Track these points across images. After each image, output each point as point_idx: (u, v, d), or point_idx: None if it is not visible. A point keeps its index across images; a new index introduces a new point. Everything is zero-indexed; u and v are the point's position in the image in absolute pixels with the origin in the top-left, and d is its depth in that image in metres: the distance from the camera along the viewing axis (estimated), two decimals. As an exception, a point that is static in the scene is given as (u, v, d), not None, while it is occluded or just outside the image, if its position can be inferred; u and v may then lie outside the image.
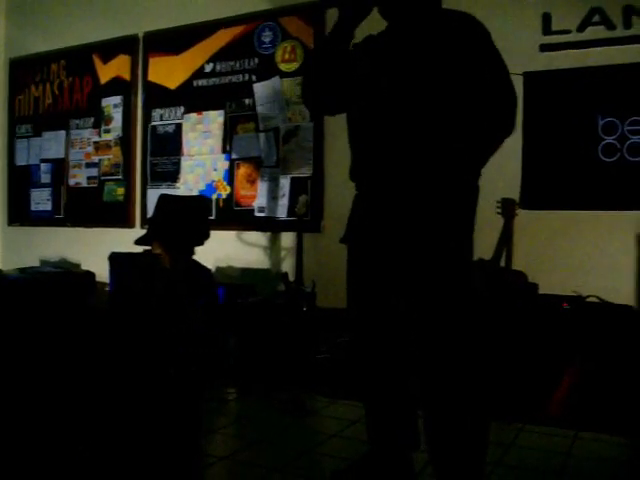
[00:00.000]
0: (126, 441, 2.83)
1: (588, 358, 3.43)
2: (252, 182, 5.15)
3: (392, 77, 2.15)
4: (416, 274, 2.15)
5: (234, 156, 5.25)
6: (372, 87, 2.20)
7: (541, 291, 3.75)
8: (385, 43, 2.24)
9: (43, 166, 6.36)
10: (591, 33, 4.00)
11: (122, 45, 5.83)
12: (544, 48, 4.10)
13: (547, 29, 4.10)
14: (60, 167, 6.23)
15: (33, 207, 6.41)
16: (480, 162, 2.17)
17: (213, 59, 5.34)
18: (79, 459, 2.59)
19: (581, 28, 4.01)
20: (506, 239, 3.78)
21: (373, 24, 2.30)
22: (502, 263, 3.77)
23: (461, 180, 2.14)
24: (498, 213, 3.80)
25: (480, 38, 2.13)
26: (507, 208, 3.80)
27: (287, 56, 5.01)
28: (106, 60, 5.94)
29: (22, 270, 5.35)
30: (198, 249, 3.89)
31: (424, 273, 2.13)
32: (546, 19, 4.10)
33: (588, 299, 3.70)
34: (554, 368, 3.42)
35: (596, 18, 3.98)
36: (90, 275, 5.36)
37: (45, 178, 6.34)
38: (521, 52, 4.06)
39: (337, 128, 4.80)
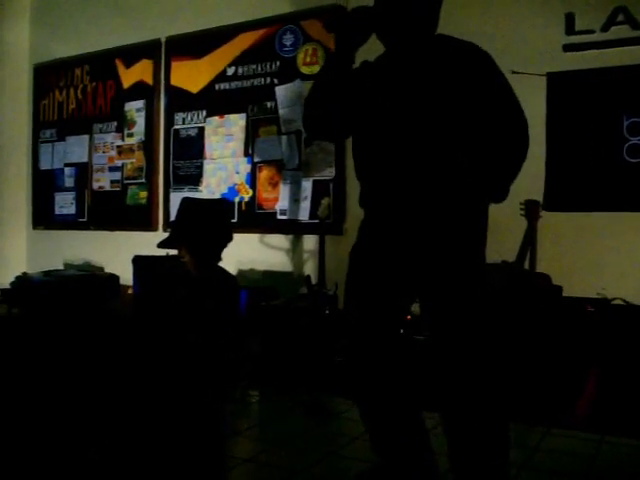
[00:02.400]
0: (148, 444, 2.84)
1: (614, 361, 3.39)
2: (274, 185, 5.16)
3: (396, 102, 2.16)
4: (430, 282, 2.18)
5: (256, 159, 5.26)
6: (376, 113, 2.20)
7: (565, 294, 3.71)
8: (385, 68, 2.26)
9: (67, 170, 6.41)
10: (615, 32, 3.95)
11: (144, 50, 5.87)
12: (567, 48, 4.06)
13: (570, 29, 4.07)
14: (84, 171, 6.28)
15: (57, 211, 6.47)
16: (500, 188, 2.22)
17: (235, 63, 5.36)
18: (101, 462, 2.60)
19: (605, 28, 3.97)
20: (530, 241, 3.75)
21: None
22: (526, 265, 3.74)
23: (472, 202, 2.17)
24: (522, 215, 3.77)
25: (485, 64, 2.15)
26: (531, 210, 3.77)
27: (308, 59, 5.02)
28: (129, 65, 5.98)
29: (47, 273, 5.40)
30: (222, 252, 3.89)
31: (438, 281, 2.16)
32: (569, 19, 4.07)
33: (613, 302, 3.65)
34: (579, 371, 3.39)
35: (620, 17, 3.94)
36: (114, 278, 5.40)
37: (69, 182, 6.40)
38: (544, 52, 4.04)
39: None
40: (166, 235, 4.04)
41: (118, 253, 5.67)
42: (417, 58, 2.19)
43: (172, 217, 5.42)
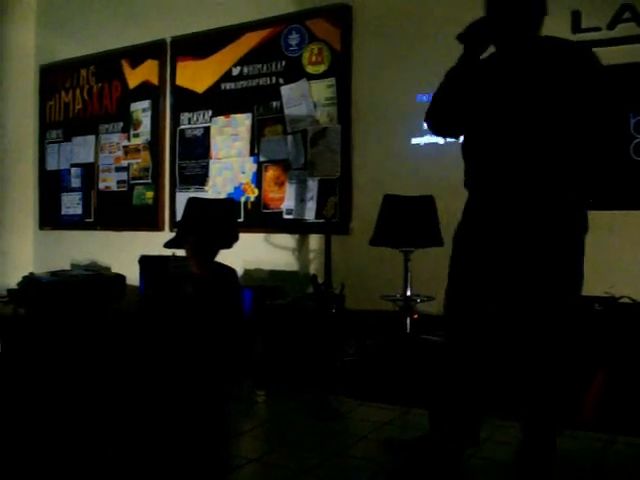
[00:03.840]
0: (152, 443, 2.84)
1: (621, 360, 3.37)
2: (280, 185, 5.16)
3: (511, 101, 2.38)
4: (527, 284, 2.39)
5: (262, 159, 5.26)
6: (492, 110, 2.43)
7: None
8: (500, 68, 2.46)
9: (73, 170, 6.43)
10: (622, 30, 3.94)
11: (150, 50, 5.88)
12: (574, 46, 4.05)
13: (577, 27, 4.05)
14: (90, 171, 6.30)
15: (64, 211, 6.49)
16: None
17: (240, 62, 5.36)
18: (106, 461, 2.61)
19: (611, 25, 3.96)
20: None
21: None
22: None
23: (574, 200, 2.41)
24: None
25: (590, 64, 2.38)
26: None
27: (314, 58, 5.01)
28: (134, 65, 5.99)
29: (54, 273, 5.41)
30: (227, 252, 3.89)
31: (535, 285, 2.38)
32: (576, 17, 4.05)
33: (621, 300, 3.64)
34: (586, 370, 3.37)
35: (627, 15, 3.93)
36: (121, 278, 5.41)
37: (75, 182, 6.41)
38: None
39: (365, 130, 4.81)
40: (172, 235, 4.04)
41: (124, 253, 5.68)
42: (529, 58, 2.39)
43: (178, 217, 5.42)
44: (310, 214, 4.98)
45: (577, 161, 2.36)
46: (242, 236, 4.36)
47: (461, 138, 2.66)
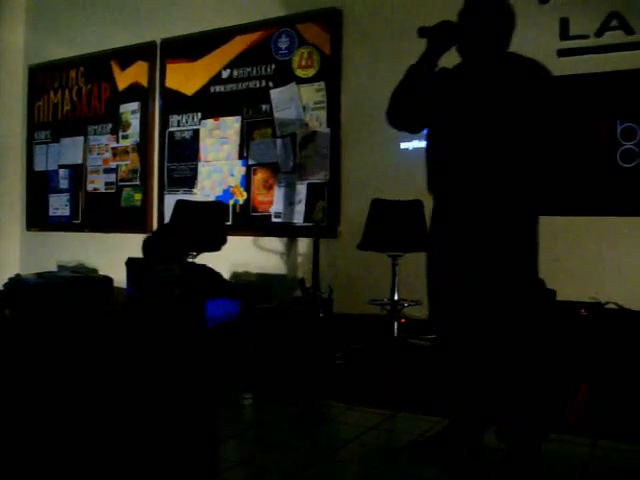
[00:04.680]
0: (139, 446, 2.83)
1: (607, 365, 3.39)
2: (269, 188, 5.16)
3: (471, 108, 2.47)
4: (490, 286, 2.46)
5: (251, 162, 5.26)
6: (453, 115, 2.53)
7: (559, 298, 3.72)
8: (463, 77, 2.56)
9: (61, 172, 6.41)
10: (609, 38, 3.98)
11: (140, 52, 5.87)
12: (562, 53, 4.09)
13: (565, 34, 4.09)
14: (78, 173, 6.28)
15: (51, 212, 6.46)
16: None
17: (230, 65, 5.37)
18: (90, 462, 2.60)
19: (599, 33, 4.00)
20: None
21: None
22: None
23: (529, 205, 2.51)
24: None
25: (545, 81, 2.50)
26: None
27: (304, 62, 5.02)
28: (124, 67, 5.98)
29: (40, 275, 5.39)
30: (216, 255, 3.89)
31: (497, 286, 2.45)
32: (564, 24, 4.09)
33: (607, 305, 3.66)
34: (572, 375, 3.39)
35: (614, 23, 3.96)
36: (108, 280, 5.39)
37: (63, 184, 6.39)
38: (538, 57, 4.01)
39: (354, 134, 4.82)
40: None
41: (112, 255, 5.66)
42: (491, 71, 2.50)
43: (166, 219, 5.41)
44: (299, 218, 4.99)
45: (529, 166, 2.46)
46: (230, 239, 4.38)
47: (423, 143, 2.76)
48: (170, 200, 5.45)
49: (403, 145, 4.61)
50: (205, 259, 4.57)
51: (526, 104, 2.43)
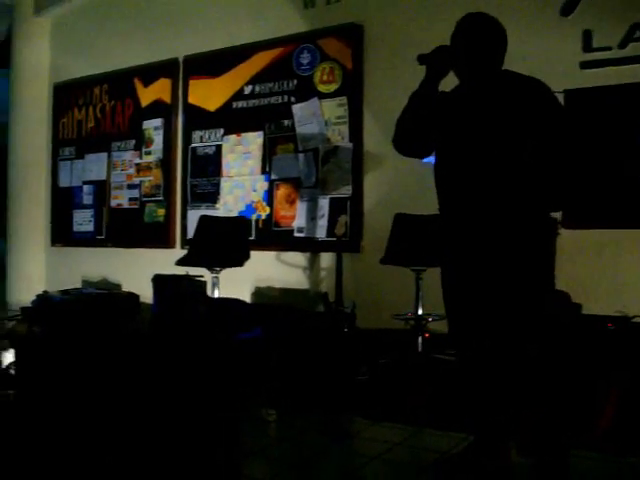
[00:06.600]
0: (164, 459, 2.84)
1: (634, 379, 3.35)
2: (291, 203, 5.17)
3: (471, 128, 2.52)
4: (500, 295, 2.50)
5: (273, 177, 5.28)
6: (454, 136, 2.59)
7: (585, 311, 3.68)
8: (462, 99, 2.61)
9: (85, 188, 6.48)
10: (633, 49, 3.95)
11: (163, 69, 5.93)
12: (585, 65, 4.06)
13: (588, 46, 4.06)
14: (102, 189, 6.34)
15: (75, 228, 6.53)
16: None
17: (252, 81, 5.39)
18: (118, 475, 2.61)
19: (622, 45, 3.97)
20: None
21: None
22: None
23: (537, 216, 2.52)
24: (540, 232, 3.74)
25: (547, 99, 2.49)
26: (549, 227, 3.75)
27: (326, 77, 5.04)
28: (147, 83, 6.04)
29: (65, 292, 5.41)
30: (239, 270, 3.90)
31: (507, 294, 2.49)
32: (587, 36, 4.06)
33: (634, 319, 3.62)
34: (600, 389, 3.35)
35: (638, 34, 3.93)
36: (134, 297, 5.39)
37: (87, 199, 6.45)
38: (562, 70, 4.03)
39: (376, 149, 4.81)
40: (184, 252, 4.06)
41: (135, 270, 5.69)
42: (488, 91, 2.54)
43: (190, 235, 5.44)
44: (321, 232, 4.99)
45: (530, 178, 2.46)
46: (253, 254, 4.38)
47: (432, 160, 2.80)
48: (193, 216, 5.48)
49: (426, 159, 4.59)
50: (228, 274, 4.59)
51: (523, 121, 2.45)
